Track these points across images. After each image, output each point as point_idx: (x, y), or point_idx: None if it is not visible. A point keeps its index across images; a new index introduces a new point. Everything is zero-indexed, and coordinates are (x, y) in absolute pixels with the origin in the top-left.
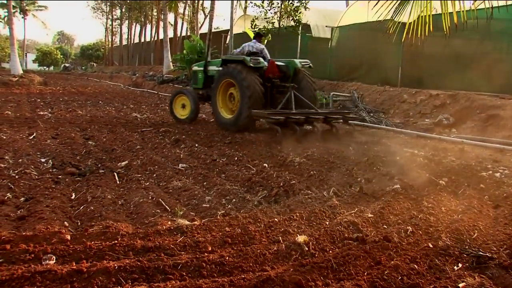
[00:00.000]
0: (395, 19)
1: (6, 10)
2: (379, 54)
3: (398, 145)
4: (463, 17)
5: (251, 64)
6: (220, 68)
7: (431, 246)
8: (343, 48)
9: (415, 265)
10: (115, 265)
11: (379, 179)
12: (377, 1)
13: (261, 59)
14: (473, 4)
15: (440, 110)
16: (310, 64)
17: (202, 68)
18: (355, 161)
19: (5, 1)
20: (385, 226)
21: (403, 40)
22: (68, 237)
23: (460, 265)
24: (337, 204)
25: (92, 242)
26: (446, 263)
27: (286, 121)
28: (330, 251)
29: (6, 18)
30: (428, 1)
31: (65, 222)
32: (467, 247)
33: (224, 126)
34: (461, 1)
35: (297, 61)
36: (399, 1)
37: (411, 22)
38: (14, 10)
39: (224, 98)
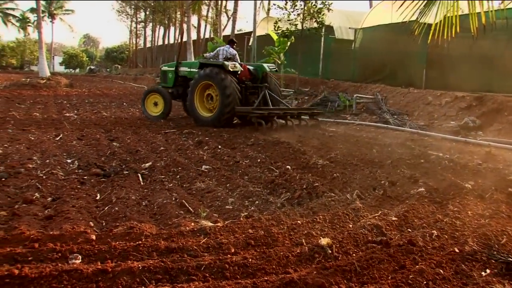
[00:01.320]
0: (420, 21)
1: (35, 15)
2: (403, 56)
3: (423, 147)
4: (491, 17)
5: (230, 69)
6: (192, 69)
7: (457, 250)
8: (367, 50)
9: (441, 270)
10: (139, 265)
11: (403, 182)
12: (403, 1)
13: (237, 64)
14: (501, 3)
15: (466, 113)
16: (276, 69)
17: (172, 69)
18: (378, 164)
19: (35, 6)
20: (409, 230)
21: (428, 41)
22: (93, 237)
23: (488, 271)
24: (361, 207)
25: (117, 243)
26: (473, 269)
27: (267, 116)
28: (354, 254)
29: (35, 23)
30: (455, 0)
31: (91, 222)
32: (495, 252)
33: (203, 123)
34: (490, 1)
35: (265, 65)
36: (424, 2)
37: (437, 23)
38: (43, 15)
39: (201, 98)
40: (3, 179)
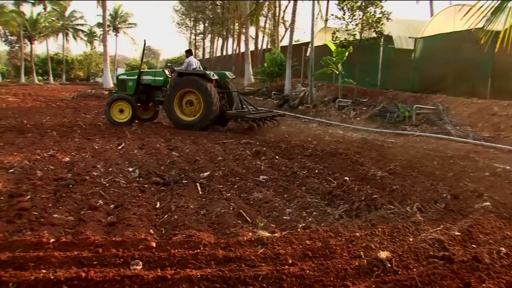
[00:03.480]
0: (487, 28)
1: (102, 29)
2: (466, 65)
3: (488, 160)
4: None
5: (211, 77)
6: (156, 78)
7: None
8: (427, 59)
9: None
10: (198, 273)
11: (466, 195)
12: (469, 8)
13: (214, 73)
14: None
15: None
16: (234, 76)
17: (134, 77)
18: (440, 176)
19: (101, 21)
20: (474, 246)
21: (496, 49)
22: (154, 244)
23: None
24: (421, 220)
25: (176, 250)
26: None
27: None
28: (414, 269)
29: (101, 36)
30: None
31: (151, 230)
32: None
33: (184, 126)
34: None
35: (227, 73)
36: (492, 9)
37: (506, 29)
38: (108, 29)
39: (179, 104)
40: (71, 186)
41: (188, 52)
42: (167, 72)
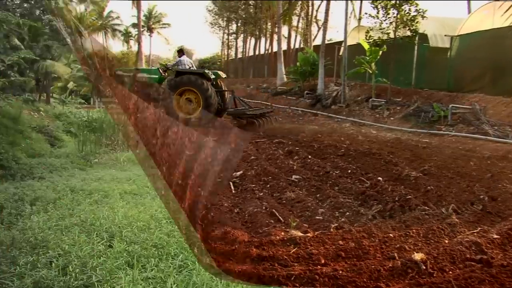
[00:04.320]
0: None
1: (137, 29)
2: (506, 63)
3: None
4: None
5: (210, 76)
6: (152, 76)
7: None
8: (464, 58)
9: None
10: (236, 269)
11: (505, 197)
12: None
13: (211, 72)
14: None
15: None
16: (226, 75)
17: (129, 74)
18: (477, 177)
19: (136, 21)
20: None
21: None
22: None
23: None
24: (457, 222)
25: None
26: None
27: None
28: (450, 272)
29: (136, 37)
30: None
31: None
32: None
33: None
34: None
35: (219, 72)
36: None
37: None
38: (142, 29)
39: (177, 101)
40: None
41: (180, 52)
42: (161, 70)
